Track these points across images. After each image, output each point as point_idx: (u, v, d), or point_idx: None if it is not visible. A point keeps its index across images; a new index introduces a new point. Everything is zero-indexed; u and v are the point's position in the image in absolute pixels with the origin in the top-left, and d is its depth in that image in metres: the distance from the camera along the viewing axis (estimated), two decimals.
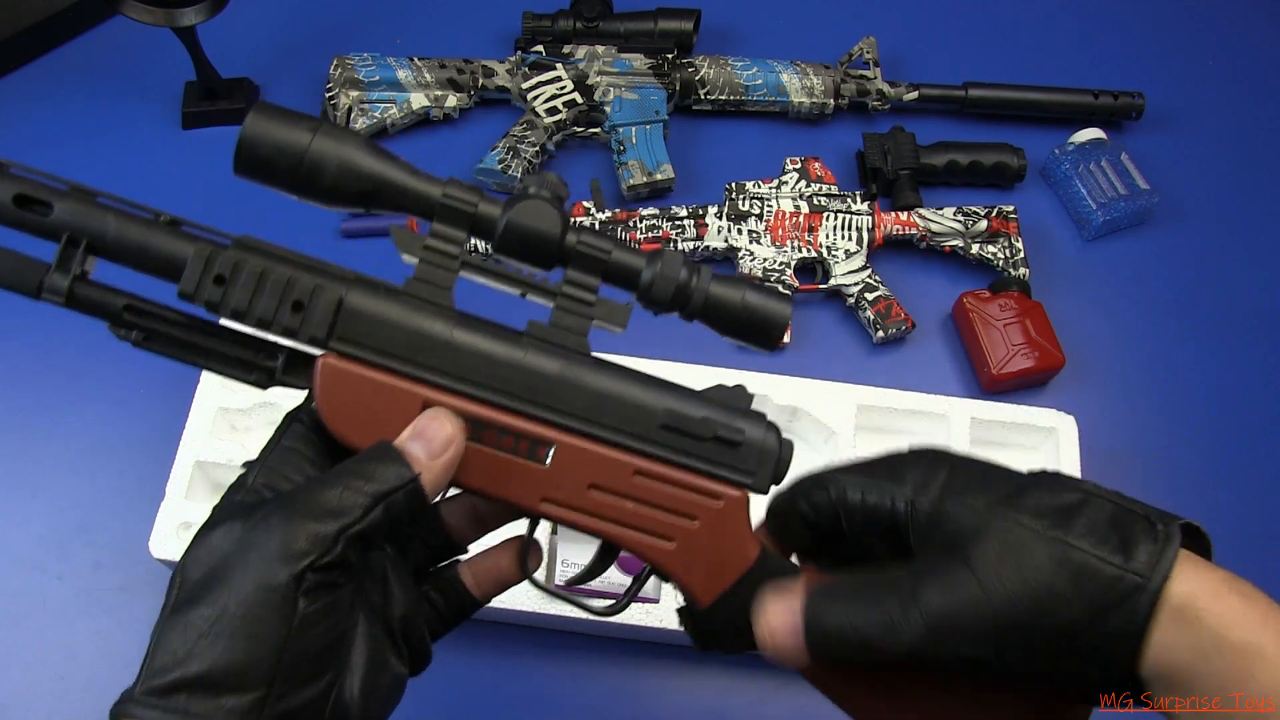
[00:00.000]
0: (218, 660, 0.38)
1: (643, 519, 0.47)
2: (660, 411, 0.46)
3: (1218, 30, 1.25)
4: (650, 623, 0.80)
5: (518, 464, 0.45)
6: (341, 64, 1.08)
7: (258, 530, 0.39)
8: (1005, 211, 1.03)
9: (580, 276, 0.46)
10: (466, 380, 0.45)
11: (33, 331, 0.98)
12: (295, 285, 0.45)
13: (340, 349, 0.45)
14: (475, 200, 0.45)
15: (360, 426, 0.44)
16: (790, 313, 0.48)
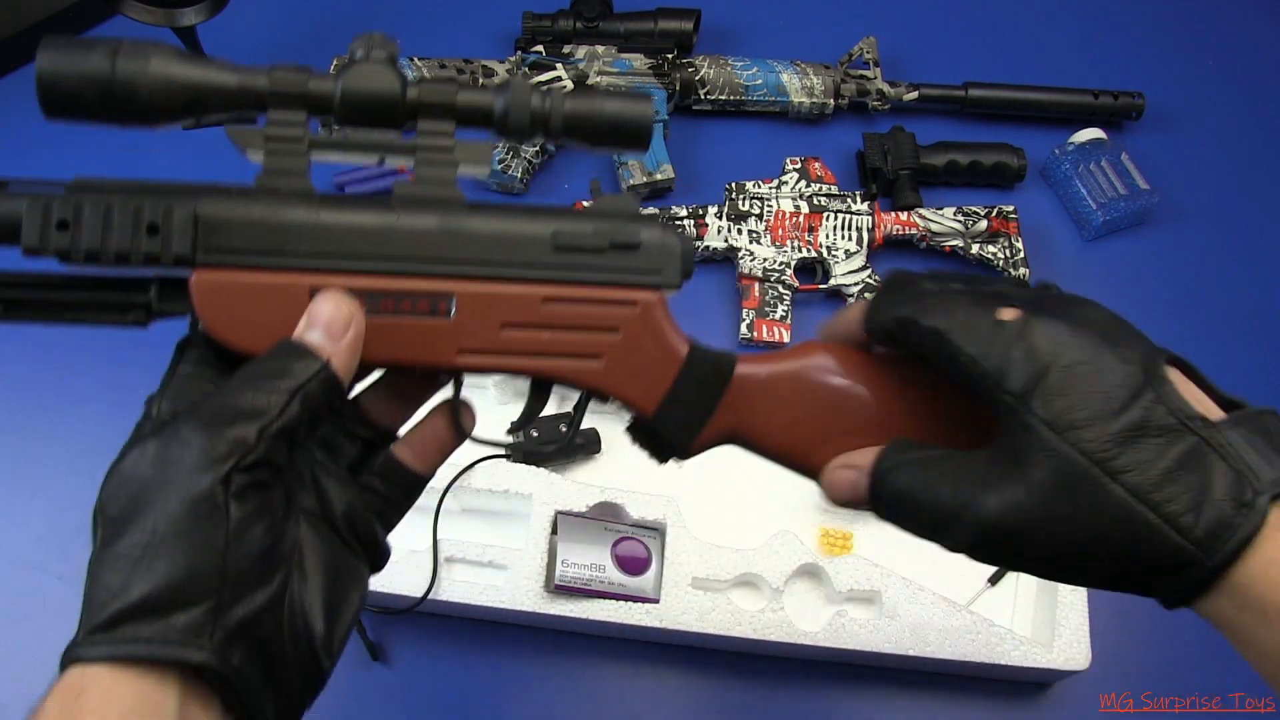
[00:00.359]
0: (158, 581, 0.36)
1: (563, 345, 0.45)
2: (549, 235, 0.45)
3: (1218, 30, 1.25)
4: (650, 623, 0.80)
5: (422, 325, 0.44)
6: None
7: (172, 446, 0.38)
8: (1005, 211, 1.03)
9: (433, 125, 0.44)
10: (346, 257, 0.43)
11: (33, 332, 0.98)
12: (144, 210, 0.43)
13: (209, 261, 0.43)
14: (304, 78, 0.43)
15: (253, 332, 0.43)
16: (651, 112, 0.46)
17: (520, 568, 0.82)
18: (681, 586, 0.81)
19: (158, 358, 0.94)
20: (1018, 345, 0.40)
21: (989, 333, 0.41)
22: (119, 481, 0.39)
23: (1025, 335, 0.40)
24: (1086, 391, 0.39)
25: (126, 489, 0.38)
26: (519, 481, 0.85)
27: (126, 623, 0.35)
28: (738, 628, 0.80)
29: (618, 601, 0.81)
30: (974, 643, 0.80)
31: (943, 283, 0.45)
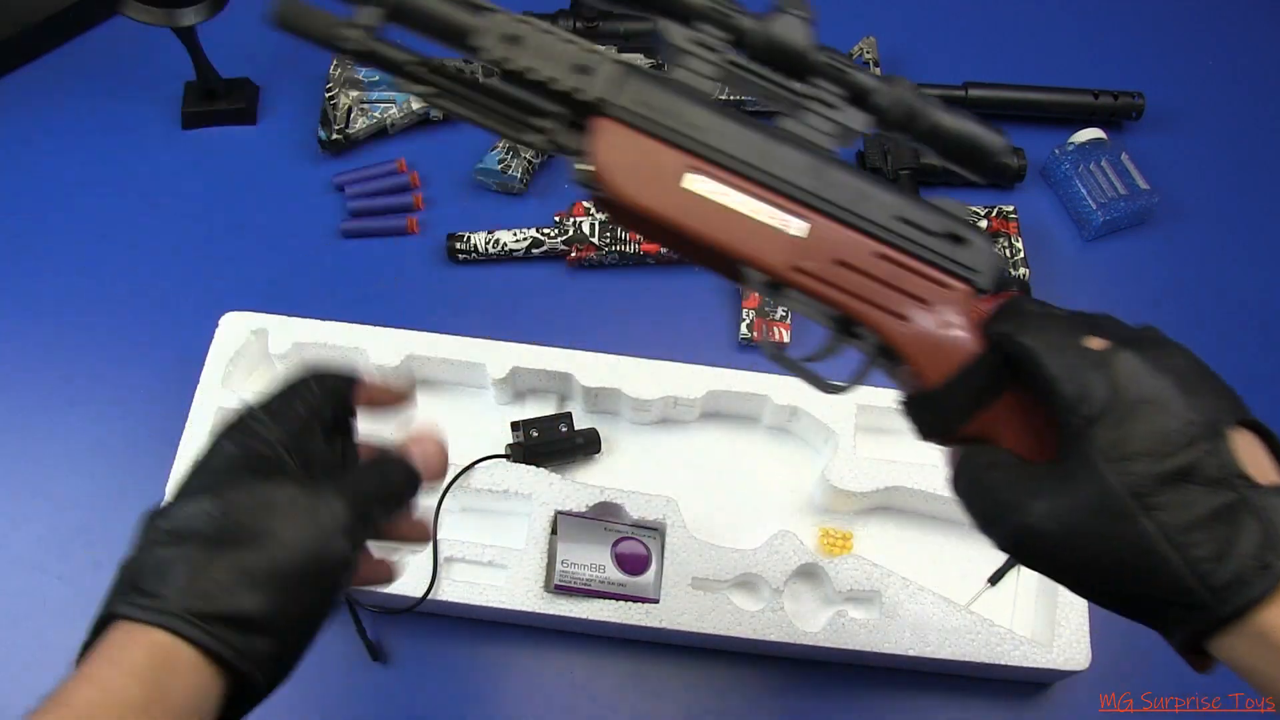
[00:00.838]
0: (264, 607, 0.43)
1: (880, 297, 0.51)
2: (897, 203, 0.51)
3: (1218, 30, 1.25)
4: (650, 623, 0.80)
5: (771, 231, 0.50)
6: (341, 64, 1.08)
7: (320, 505, 0.46)
8: (1005, 211, 1.03)
9: (825, 86, 0.51)
10: (726, 155, 0.49)
11: (33, 331, 0.98)
12: (577, 52, 0.49)
13: (617, 115, 0.49)
14: (732, 10, 0.50)
15: (631, 182, 0.49)
16: (1005, 146, 0.53)
17: (520, 568, 0.82)
18: (681, 586, 0.81)
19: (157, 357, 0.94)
20: (1096, 373, 0.43)
21: (1073, 357, 0.44)
22: (256, 496, 0.46)
23: (1105, 364, 0.43)
24: (1146, 429, 0.42)
25: (261, 508, 0.45)
26: (519, 481, 0.85)
27: (223, 625, 0.42)
28: (738, 628, 0.80)
29: (617, 602, 0.81)
30: (974, 643, 0.80)
31: (1047, 308, 0.49)
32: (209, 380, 0.88)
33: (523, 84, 0.50)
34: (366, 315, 0.93)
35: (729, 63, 0.51)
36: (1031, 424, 0.49)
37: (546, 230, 1.01)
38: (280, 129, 1.11)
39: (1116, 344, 0.44)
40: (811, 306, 0.53)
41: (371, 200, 1.05)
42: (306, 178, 1.07)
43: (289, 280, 1.01)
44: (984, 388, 0.49)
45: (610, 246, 1.01)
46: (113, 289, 1.00)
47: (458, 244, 1.01)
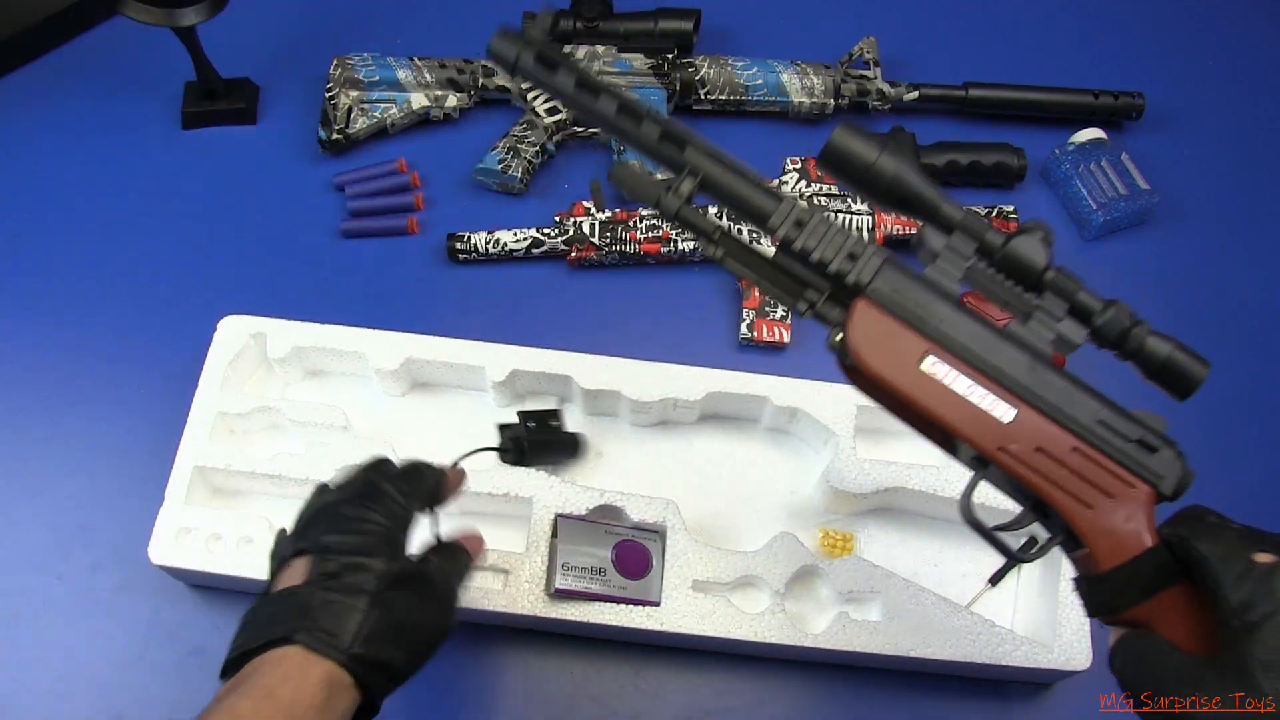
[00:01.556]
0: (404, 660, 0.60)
1: (1071, 484, 0.57)
2: (1098, 408, 0.58)
3: (1218, 30, 1.25)
4: (652, 625, 0.80)
5: (985, 415, 0.58)
6: (341, 64, 1.08)
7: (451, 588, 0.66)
8: (1005, 211, 1.03)
9: (1053, 301, 0.58)
10: (960, 345, 0.58)
11: (33, 332, 0.98)
12: (850, 241, 0.59)
13: (874, 296, 0.58)
14: (985, 228, 0.58)
15: (875, 355, 0.58)
16: (1206, 375, 0.62)
17: (521, 571, 0.82)
18: (682, 589, 0.81)
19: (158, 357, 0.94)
20: (1261, 585, 0.48)
21: (1242, 568, 0.49)
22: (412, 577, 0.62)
23: (1269, 580, 0.48)
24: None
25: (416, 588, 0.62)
26: (519, 485, 0.85)
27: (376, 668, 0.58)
28: (739, 630, 0.80)
29: (619, 605, 0.81)
30: (975, 643, 0.80)
31: (1225, 520, 0.56)
32: (208, 384, 0.88)
33: (800, 260, 0.61)
34: (366, 314, 0.93)
35: (975, 268, 0.59)
36: (1193, 618, 0.54)
37: (546, 230, 1.01)
38: (280, 129, 1.11)
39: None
40: (1010, 485, 0.61)
41: (371, 200, 1.05)
42: (306, 178, 1.07)
43: (289, 280, 1.01)
44: (1151, 580, 0.55)
45: (610, 246, 1.01)
46: (113, 289, 1.00)
47: (458, 244, 1.01)
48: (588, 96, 0.64)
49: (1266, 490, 0.95)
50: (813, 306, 0.62)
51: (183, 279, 1.01)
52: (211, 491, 0.88)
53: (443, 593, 0.64)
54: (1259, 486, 0.95)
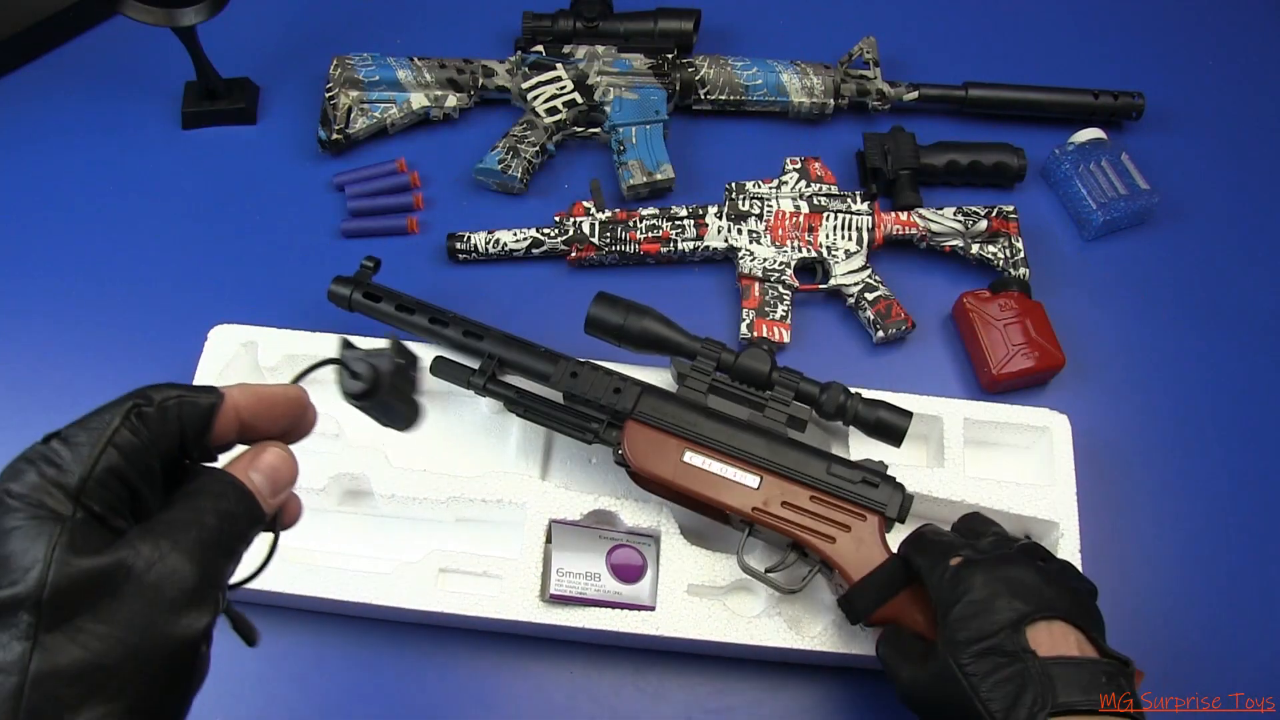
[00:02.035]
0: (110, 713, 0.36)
1: (814, 526, 0.76)
2: (827, 464, 0.78)
3: (1218, 30, 1.24)
4: (647, 630, 0.80)
5: (739, 485, 0.78)
6: (341, 64, 1.08)
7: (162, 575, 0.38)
8: (1005, 211, 1.03)
9: (782, 392, 0.81)
10: (709, 439, 0.79)
11: (33, 332, 0.98)
12: (614, 380, 0.81)
13: (639, 417, 0.80)
14: (718, 350, 0.82)
15: (646, 459, 0.78)
16: (908, 426, 0.81)
17: (515, 577, 0.81)
18: (677, 593, 0.81)
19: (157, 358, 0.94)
20: (949, 583, 0.67)
21: (941, 571, 0.68)
22: (82, 580, 0.36)
23: (956, 578, 0.67)
24: (974, 623, 0.64)
25: (95, 586, 0.37)
26: (513, 491, 0.85)
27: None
28: (734, 634, 0.80)
29: (614, 610, 0.81)
30: None
31: (941, 534, 0.74)
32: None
33: (582, 402, 0.81)
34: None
35: (715, 380, 0.82)
36: (926, 612, 0.72)
37: (546, 230, 1.01)
38: (280, 129, 1.11)
39: (966, 560, 0.68)
40: (773, 535, 0.78)
41: (371, 200, 1.05)
42: (306, 178, 1.07)
43: (289, 280, 1.01)
44: (887, 587, 0.74)
45: (610, 246, 1.01)
46: (113, 289, 1.00)
47: (458, 244, 1.01)
48: (405, 314, 0.87)
49: (1269, 490, 0.95)
50: (597, 434, 0.80)
51: (183, 279, 1.01)
52: None
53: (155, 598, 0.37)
54: (1261, 487, 0.95)
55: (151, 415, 0.42)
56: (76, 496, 0.38)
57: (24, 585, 0.35)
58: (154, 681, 0.37)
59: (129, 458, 0.40)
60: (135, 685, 0.36)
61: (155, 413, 0.42)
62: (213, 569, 0.40)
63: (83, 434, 0.39)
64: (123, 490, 0.40)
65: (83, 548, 0.37)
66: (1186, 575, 0.90)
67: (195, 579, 0.39)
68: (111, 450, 0.40)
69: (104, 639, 0.36)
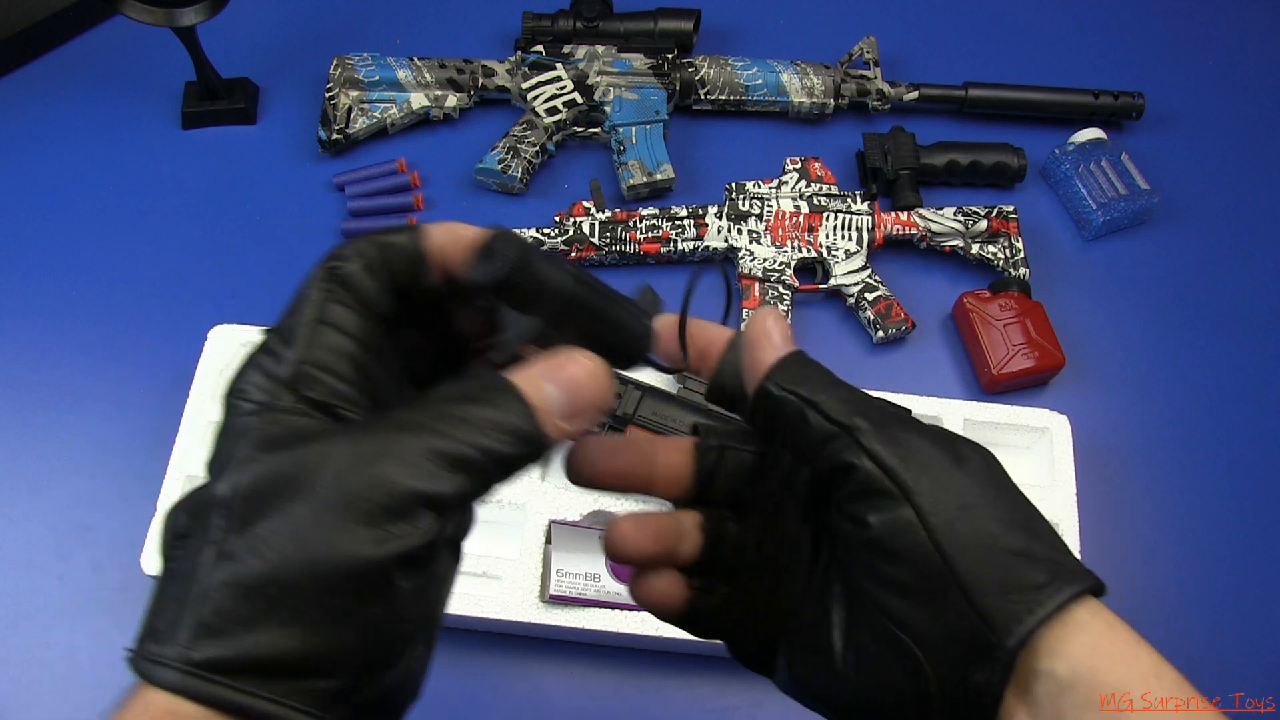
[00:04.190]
0: (295, 646, 0.30)
1: None
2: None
3: (1218, 30, 1.24)
4: (647, 630, 0.80)
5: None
6: (341, 64, 1.08)
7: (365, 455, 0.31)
8: (1005, 211, 1.03)
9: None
10: None
11: (33, 332, 0.98)
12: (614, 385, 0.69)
13: (641, 421, 0.85)
14: None
15: None
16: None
17: (515, 578, 0.81)
18: None
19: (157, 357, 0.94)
20: None
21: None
22: (268, 471, 0.31)
23: None
24: None
25: (276, 488, 0.31)
26: (513, 491, 0.85)
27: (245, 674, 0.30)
28: None
29: (614, 610, 0.80)
30: None
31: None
32: (199, 392, 0.88)
33: None
34: None
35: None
36: None
37: (546, 230, 1.01)
38: (280, 129, 1.11)
39: None
40: None
41: (371, 200, 1.05)
42: (306, 178, 1.07)
43: (289, 280, 1.00)
44: None
45: (610, 246, 1.01)
46: (113, 289, 1.00)
47: None
48: None
49: (1269, 490, 0.95)
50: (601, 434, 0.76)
51: (183, 278, 1.01)
52: None
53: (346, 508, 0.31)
54: (1261, 487, 0.95)
55: (351, 273, 0.36)
56: (293, 386, 0.33)
57: (219, 486, 0.32)
58: (337, 613, 0.30)
59: (347, 330, 0.35)
60: (314, 612, 0.30)
61: (352, 269, 0.36)
62: (437, 487, 0.32)
63: (289, 318, 0.35)
64: (354, 371, 0.34)
65: (280, 444, 0.32)
66: (1186, 575, 0.90)
67: (400, 493, 0.31)
68: (321, 327, 0.35)
69: (279, 548, 0.30)
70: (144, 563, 0.81)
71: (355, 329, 0.35)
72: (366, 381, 0.35)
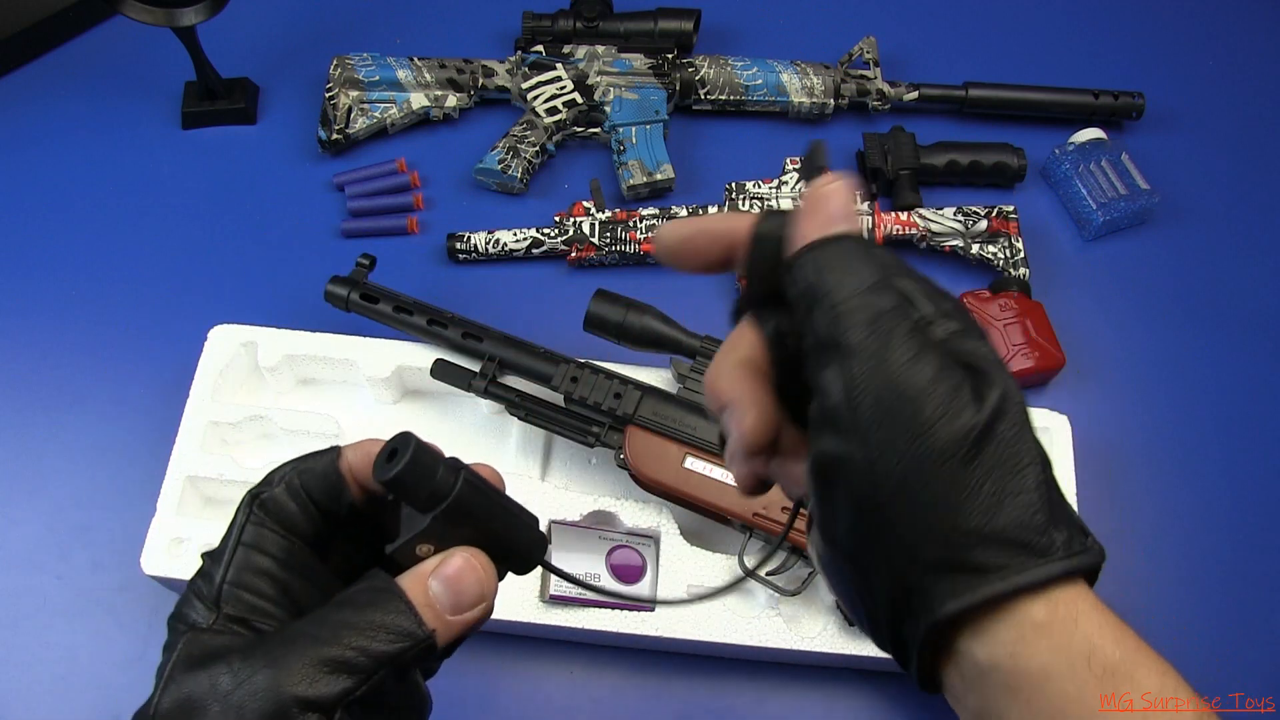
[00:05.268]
0: None
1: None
2: None
3: (1218, 30, 1.24)
4: (647, 631, 0.80)
5: (728, 488, 0.78)
6: (341, 64, 1.08)
7: (245, 693, 0.35)
8: (1005, 211, 1.03)
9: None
10: (711, 444, 0.79)
11: (33, 332, 0.98)
12: (615, 385, 0.82)
13: (639, 421, 0.81)
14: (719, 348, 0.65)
15: (647, 464, 0.79)
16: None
17: (514, 578, 0.81)
18: (677, 594, 0.81)
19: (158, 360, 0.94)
20: None
21: None
22: (181, 693, 0.35)
23: None
24: None
25: (186, 709, 0.35)
26: (512, 492, 0.84)
27: None
28: (734, 634, 0.80)
29: (613, 610, 0.81)
30: None
31: None
32: (199, 393, 0.88)
33: (581, 405, 0.82)
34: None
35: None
36: None
37: (546, 230, 1.01)
38: (280, 129, 1.11)
39: None
40: (772, 538, 0.79)
41: (371, 200, 1.05)
42: (306, 178, 1.07)
43: (289, 280, 1.01)
44: None
45: (610, 246, 1.01)
46: (113, 288, 1.00)
47: (458, 244, 1.01)
48: (403, 314, 0.87)
49: (1269, 490, 0.95)
50: (599, 438, 0.81)
51: (183, 278, 1.01)
52: (204, 502, 0.87)
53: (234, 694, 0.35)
54: (1261, 487, 0.95)
55: (272, 498, 0.40)
56: (216, 604, 0.38)
57: (149, 704, 0.36)
58: None
59: (267, 551, 0.39)
60: None
61: (274, 494, 0.40)
62: (316, 691, 0.35)
63: (220, 544, 0.40)
64: (273, 587, 0.39)
65: (194, 665, 0.36)
66: (1186, 575, 0.90)
67: (283, 701, 0.34)
68: (243, 550, 0.39)
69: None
70: (143, 563, 0.80)
71: (276, 549, 0.39)
72: (285, 595, 0.39)
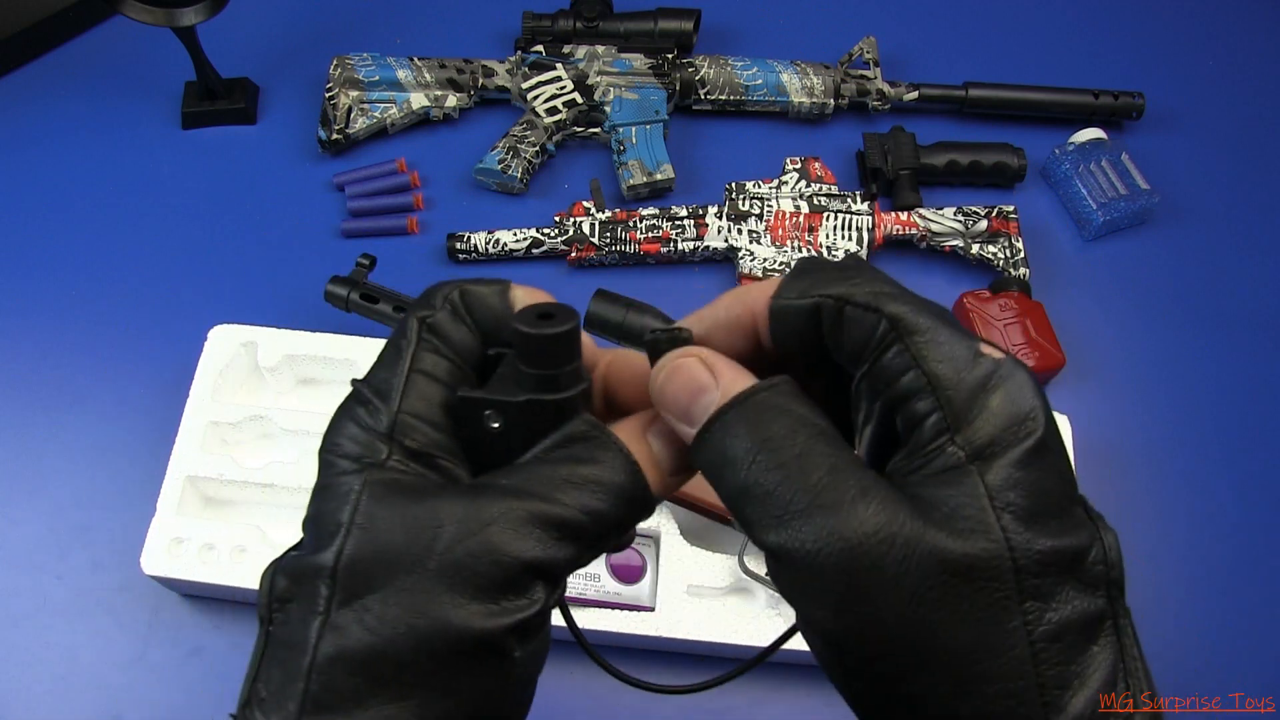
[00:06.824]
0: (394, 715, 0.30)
1: None
2: None
3: (1218, 30, 1.24)
4: (647, 631, 0.80)
5: None
6: (341, 64, 1.08)
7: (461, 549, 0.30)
8: (1005, 211, 1.03)
9: None
10: None
11: (33, 331, 0.98)
12: None
13: None
14: None
15: None
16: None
17: None
18: (677, 594, 0.81)
19: (155, 358, 0.94)
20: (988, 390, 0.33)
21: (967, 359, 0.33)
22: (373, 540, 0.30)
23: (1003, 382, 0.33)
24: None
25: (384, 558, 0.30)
26: None
27: None
28: (734, 634, 0.80)
29: (613, 611, 0.81)
30: None
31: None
32: (199, 393, 0.88)
33: None
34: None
35: None
36: None
37: (546, 230, 1.01)
38: (280, 129, 1.11)
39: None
40: None
41: (371, 200, 1.05)
42: (306, 178, 1.07)
43: (289, 280, 1.01)
44: None
45: (610, 246, 1.01)
46: (113, 288, 1.00)
47: (458, 244, 1.01)
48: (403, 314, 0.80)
49: (1269, 490, 0.95)
50: None
51: (183, 278, 1.01)
52: (204, 501, 0.87)
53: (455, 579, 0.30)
54: (1261, 487, 0.95)
55: (438, 322, 0.35)
56: (391, 437, 0.32)
57: (325, 553, 0.30)
58: (451, 686, 0.30)
59: (440, 379, 0.34)
60: (427, 687, 0.30)
61: (440, 319, 0.35)
62: (550, 554, 0.31)
63: (383, 370, 0.34)
64: (447, 419, 0.34)
65: (389, 505, 0.31)
66: (1186, 575, 0.90)
67: (514, 565, 0.30)
68: (417, 376, 0.33)
69: (390, 622, 0.29)
70: (143, 563, 0.80)
71: (448, 377, 0.34)
72: (459, 430, 0.34)
